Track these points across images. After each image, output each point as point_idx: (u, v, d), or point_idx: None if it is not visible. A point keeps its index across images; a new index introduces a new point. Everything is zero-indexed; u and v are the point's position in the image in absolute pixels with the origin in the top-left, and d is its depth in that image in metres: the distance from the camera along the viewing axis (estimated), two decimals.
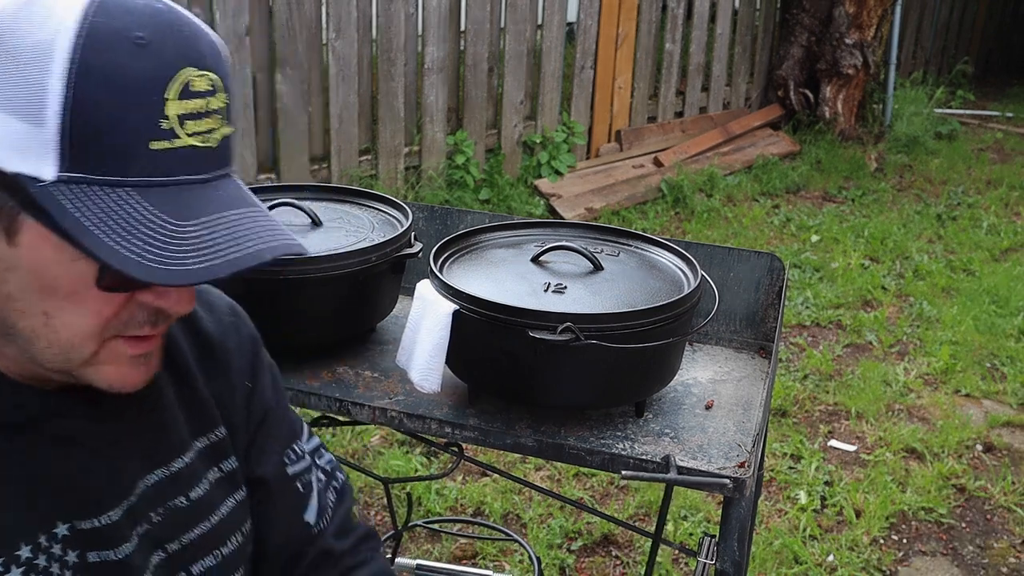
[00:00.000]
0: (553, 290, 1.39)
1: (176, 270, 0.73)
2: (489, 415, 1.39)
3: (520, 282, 1.42)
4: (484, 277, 1.44)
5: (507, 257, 1.52)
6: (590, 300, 1.37)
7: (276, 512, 1.07)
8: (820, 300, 4.29)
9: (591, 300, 1.37)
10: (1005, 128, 7.45)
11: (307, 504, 1.09)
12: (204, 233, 0.75)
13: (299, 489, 1.08)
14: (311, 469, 1.11)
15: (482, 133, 5.14)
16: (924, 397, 3.54)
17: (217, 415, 1.00)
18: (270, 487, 1.06)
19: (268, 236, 0.78)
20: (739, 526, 1.25)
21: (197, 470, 0.96)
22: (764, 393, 1.46)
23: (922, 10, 8.22)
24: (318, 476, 1.12)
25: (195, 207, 0.76)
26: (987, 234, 5.22)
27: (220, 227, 0.76)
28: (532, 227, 1.63)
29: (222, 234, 0.75)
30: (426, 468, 2.98)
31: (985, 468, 3.13)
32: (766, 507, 2.88)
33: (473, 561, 2.62)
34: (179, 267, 0.73)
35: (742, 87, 6.81)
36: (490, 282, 1.41)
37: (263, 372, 1.08)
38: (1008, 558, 2.72)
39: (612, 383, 1.35)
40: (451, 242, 1.53)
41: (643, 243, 1.57)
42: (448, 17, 4.86)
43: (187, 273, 0.73)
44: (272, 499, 1.06)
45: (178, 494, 0.94)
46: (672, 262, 1.51)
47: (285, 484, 1.07)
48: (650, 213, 5.31)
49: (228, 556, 0.99)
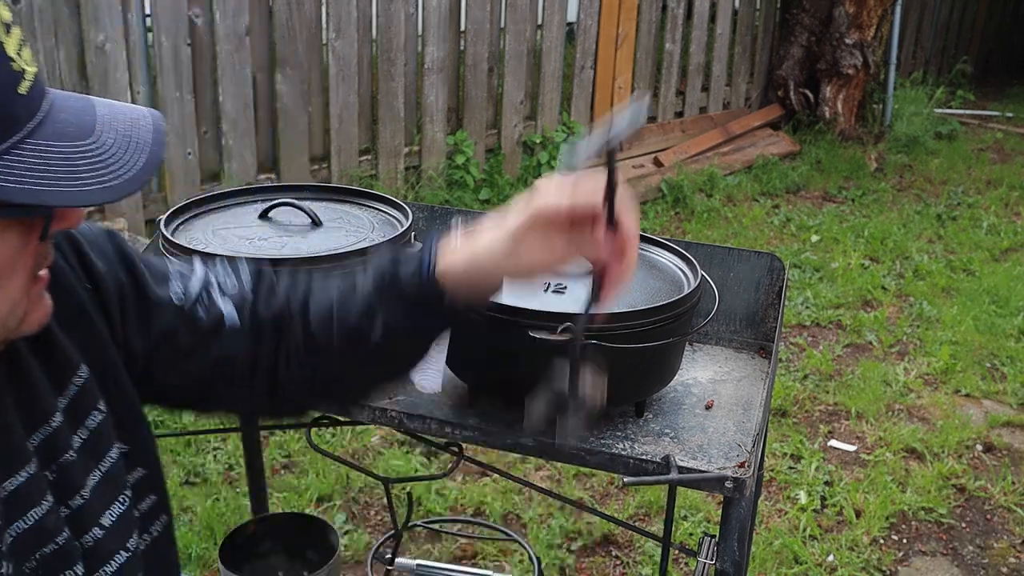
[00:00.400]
0: (553, 290, 1.38)
1: (118, 183, 0.77)
2: (489, 415, 1.39)
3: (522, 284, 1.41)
4: None
5: None
6: None
7: (200, 337, 1.04)
8: (820, 300, 4.29)
9: None
10: (1005, 128, 7.45)
11: (224, 311, 1.06)
12: (107, 141, 0.79)
13: (206, 305, 1.05)
14: (209, 284, 1.07)
15: (482, 133, 5.14)
16: (924, 397, 3.54)
17: (75, 357, 0.95)
18: (177, 328, 1.03)
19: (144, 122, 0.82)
20: (739, 526, 1.25)
21: (69, 424, 0.93)
22: (764, 393, 1.46)
23: (922, 10, 8.22)
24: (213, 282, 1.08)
25: (78, 124, 0.79)
26: (987, 234, 5.22)
27: (108, 132, 0.80)
28: None
29: (119, 136, 0.80)
30: (426, 468, 2.98)
31: (985, 468, 3.13)
32: (766, 507, 2.88)
33: (473, 561, 2.62)
34: (117, 179, 0.77)
35: (742, 87, 6.80)
36: None
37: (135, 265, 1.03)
38: (1008, 558, 2.72)
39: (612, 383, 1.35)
40: None
41: (643, 243, 1.57)
42: (448, 17, 4.86)
43: (132, 180, 0.77)
44: (190, 331, 1.04)
45: (65, 449, 0.92)
46: (672, 262, 1.51)
47: (188, 312, 1.04)
48: (650, 213, 5.31)
49: (134, 497, 0.97)
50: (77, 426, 0.93)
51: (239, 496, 2.81)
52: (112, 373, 0.98)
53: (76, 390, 0.93)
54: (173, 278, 1.06)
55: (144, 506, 1.02)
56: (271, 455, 3.01)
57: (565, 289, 1.39)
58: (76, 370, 0.94)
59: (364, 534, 2.71)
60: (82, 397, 0.94)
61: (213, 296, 1.06)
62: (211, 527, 2.67)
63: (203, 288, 1.06)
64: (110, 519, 0.94)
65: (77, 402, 0.93)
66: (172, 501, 2.78)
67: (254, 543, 2.10)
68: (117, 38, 3.69)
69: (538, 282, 1.39)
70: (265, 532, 2.11)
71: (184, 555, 2.59)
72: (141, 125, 0.83)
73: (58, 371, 0.93)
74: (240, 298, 1.07)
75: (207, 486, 2.87)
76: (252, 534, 2.09)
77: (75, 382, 0.94)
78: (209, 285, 1.07)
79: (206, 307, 1.05)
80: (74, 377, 0.94)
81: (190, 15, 3.94)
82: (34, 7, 3.43)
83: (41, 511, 0.87)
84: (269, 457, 3.00)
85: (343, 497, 2.87)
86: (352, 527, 2.75)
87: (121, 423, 0.98)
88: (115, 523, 0.95)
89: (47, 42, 3.50)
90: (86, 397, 0.94)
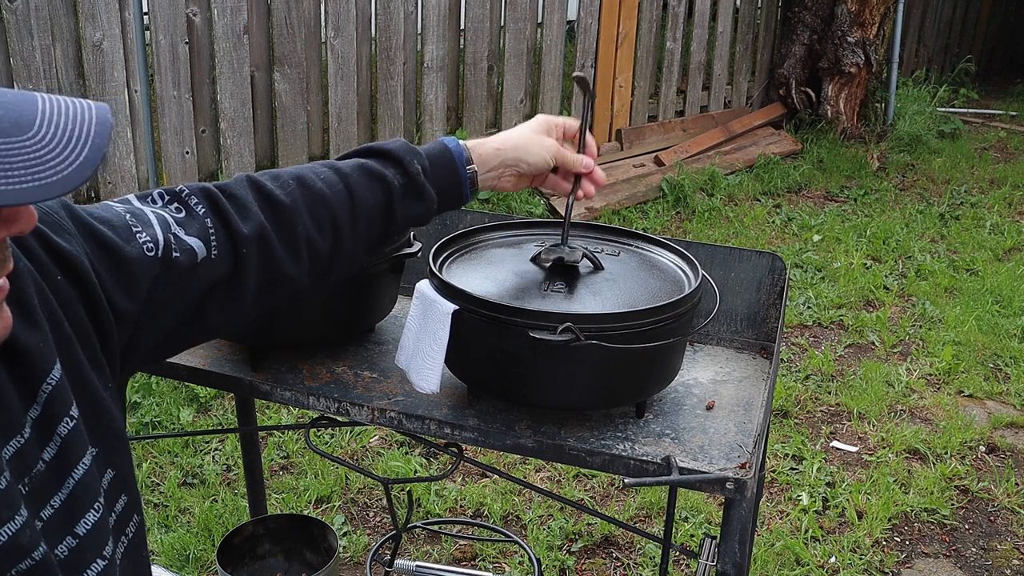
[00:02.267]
0: (552, 289, 1.37)
1: (54, 180, 0.74)
2: (489, 416, 1.38)
3: (520, 281, 1.41)
4: (483, 277, 1.43)
5: (507, 256, 1.51)
6: (590, 300, 1.35)
7: (182, 277, 1.05)
8: (822, 300, 4.27)
9: (591, 300, 1.35)
10: (1009, 127, 7.43)
11: (194, 246, 1.07)
12: (46, 136, 0.76)
13: (175, 247, 1.05)
14: (168, 226, 1.07)
15: (482, 132, 5.12)
16: (927, 398, 3.53)
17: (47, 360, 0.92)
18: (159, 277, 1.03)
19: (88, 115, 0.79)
20: (740, 527, 1.24)
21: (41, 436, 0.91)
22: (765, 394, 1.45)
23: (925, 8, 8.21)
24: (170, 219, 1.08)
25: (14, 119, 0.76)
26: (990, 234, 5.21)
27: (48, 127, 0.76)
28: (532, 227, 1.62)
29: (59, 131, 0.77)
30: (425, 469, 2.96)
31: (988, 469, 3.11)
32: (767, 508, 2.86)
33: (473, 563, 2.61)
34: (54, 176, 0.74)
35: (743, 86, 6.79)
36: (489, 281, 1.40)
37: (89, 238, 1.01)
38: (1011, 560, 2.71)
39: (612, 384, 1.34)
40: (450, 241, 1.52)
41: (643, 242, 1.56)
42: (448, 15, 4.85)
43: (69, 178, 0.74)
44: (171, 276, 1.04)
45: (36, 461, 0.90)
46: (673, 262, 1.50)
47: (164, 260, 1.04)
48: (651, 212, 5.30)
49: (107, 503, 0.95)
50: (49, 436, 0.90)
51: (237, 497, 2.79)
52: (83, 371, 0.96)
53: (46, 396, 0.90)
54: (135, 229, 1.04)
55: (118, 508, 0.99)
56: (269, 456, 3.00)
57: (564, 289, 1.38)
58: (47, 375, 0.91)
59: (363, 535, 2.70)
60: (53, 404, 0.91)
61: (179, 235, 1.06)
62: (209, 528, 2.66)
63: (165, 231, 1.06)
64: (84, 528, 0.92)
65: (48, 409, 0.91)
66: (170, 503, 2.78)
67: (252, 545, 2.09)
68: (114, 36, 3.68)
69: None
70: (263, 533, 2.10)
71: (182, 557, 2.57)
72: (85, 119, 0.79)
73: (26, 380, 0.90)
74: (202, 228, 1.08)
75: (205, 487, 2.85)
76: (250, 535, 2.08)
77: (44, 389, 0.90)
78: (169, 226, 1.07)
79: (177, 248, 1.05)
80: (44, 384, 0.91)
81: (188, 13, 3.92)
82: (31, 5, 3.41)
83: (15, 526, 0.84)
84: (267, 458, 2.98)
85: (342, 498, 2.86)
86: (351, 528, 2.74)
87: (91, 425, 0.96)
88: (90, 531, 0.92)
89: (44, 40, 3.49)
90: (58, 403, 0.91)
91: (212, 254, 1.08)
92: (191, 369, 1.52)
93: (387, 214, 1.21)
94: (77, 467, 0.92)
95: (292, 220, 1.14)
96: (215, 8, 3.96)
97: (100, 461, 0.96)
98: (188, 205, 1.10)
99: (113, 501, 0.98)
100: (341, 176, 1.18)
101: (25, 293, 0.91)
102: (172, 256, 1.04)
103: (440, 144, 1.28)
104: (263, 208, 1.13)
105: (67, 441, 0.91)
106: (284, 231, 1.13)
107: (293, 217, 1.14)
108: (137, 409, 3.12)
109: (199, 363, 1.53)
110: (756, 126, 6.55)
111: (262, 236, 1.12)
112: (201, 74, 4.04)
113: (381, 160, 1.23)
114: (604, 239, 1.58)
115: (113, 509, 0.98)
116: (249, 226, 1.11)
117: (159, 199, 1.11)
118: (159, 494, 2.82)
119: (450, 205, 1.30)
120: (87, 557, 0.92)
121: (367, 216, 1.20)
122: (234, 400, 2.55)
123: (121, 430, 1.01)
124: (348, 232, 1.19)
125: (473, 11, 4.96)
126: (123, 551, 1.00)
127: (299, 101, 4.35)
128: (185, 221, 1.08)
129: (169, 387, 3.26)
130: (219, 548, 2.01)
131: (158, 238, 1.04)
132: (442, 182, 1.26)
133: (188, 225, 1.08)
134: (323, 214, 1.16)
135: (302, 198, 1.15)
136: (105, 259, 1.00)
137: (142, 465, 2.92)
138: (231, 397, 3.10)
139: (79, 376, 0.95)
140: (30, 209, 0.80)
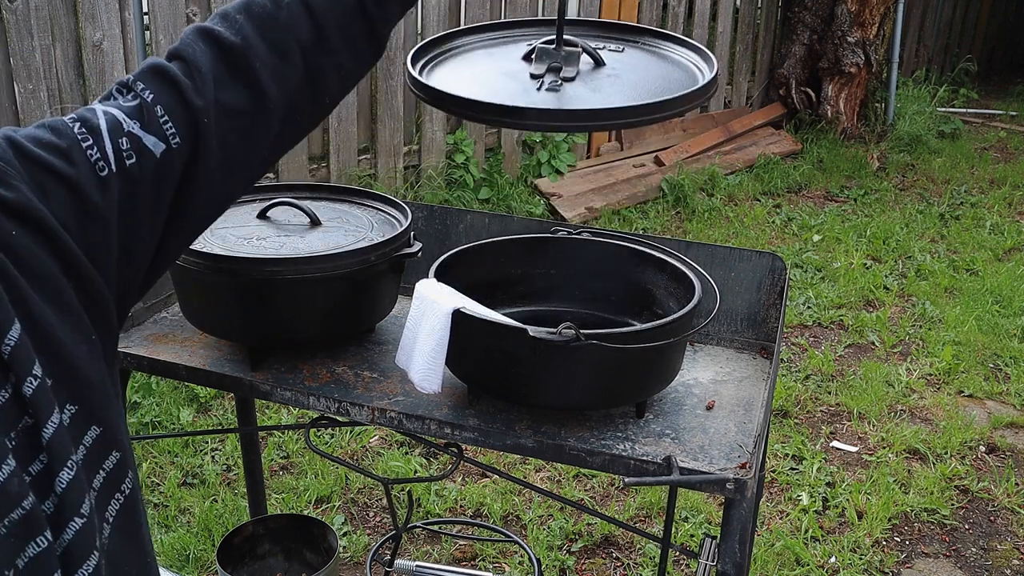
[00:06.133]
0: (547, 88, 1.19)
1: None
2: (489, 416, 1.38)
3: (509, 82, 1.23)
4: (468, 79, 1.25)
5: (496, 57, 1.31)
6: (590, 97, 1.18)
7: (144, 183, 0.96)
8: (822, 300, 4.27)
9: (591, 97, 1.18)
10: (1009, 127, 7.43)
11: (148, 143, 0.97)
12: None
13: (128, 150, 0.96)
14: (118, 127, 0.97)
15: (482, 132, 5.12)
16: (927, 398, 3.52)
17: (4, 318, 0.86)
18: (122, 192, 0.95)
19: None
20: (740, 527, 1.24)
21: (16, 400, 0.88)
22: (765, 394, 1.45)
23: (925, 8, 8.20)
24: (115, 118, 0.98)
25: None
26: (990, 234, 5.21)
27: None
28: (522, 26, 1.39)
29: None
30: (425, 469, 2.96)
31: (988, 469, 3.11)
32: (767, 508, 2.86)
33: (473, 563, 2.61)
34: None
35: (743, 86, 6.79)
36: (475, 84, 1.23)
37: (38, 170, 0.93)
38: (1011, 560, 2.71)
39: (613, 384, 1.34)
40: (431, 44, 1.32)
41: (651, 37, 1.34)
42: (448, 15, 4.85)
43: None
44: (133, 185, 0.96)
45: (19, 419, 0.87)
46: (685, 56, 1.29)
47: (119, 172, 0.95)
48: (651, 212, 5.30)
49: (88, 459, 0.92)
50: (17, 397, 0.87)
51: (237, 497, 2.79)
52: (47, 327, 0.90)
53: (7, 357, 0.86)
54: (85, 144, 0.95)
55: (108, 465, 0.96)
56: (269, 456, 3.00)
57: (560, 86, 1.21)
58: (5, 334, 0.86)
59: (363, 535, 2.70)
60: (14, 364, 0.86)
61: (134, 132, 0.97)
62: (209, 528, 2.66)
63: (115, 137, 0.96)
64: (60, 486, 0.89)
65: (14, 370, 0.87)
66: (170, 503, 2.78)
67: (252, 545, 2.09)
68: (114, 36, 3.67)
69: None
70: (263, 533, 2.10)
71: (182, 557, 2.57)
72: None
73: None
74: (153, 117, 0.98)
75: (205, 487, 2.85)
76: (250, 535, 2.08)
77: (3, 351, 0.86)
78: (121, 127, 0.97)
79: (131, 153, 0.96)
80: (2, 344, 0.86)
81: (188, 13, 3.92)
82: (31, 5, 3.41)
83: (3, 475, 0.83)
84: (267, 458, 2.98)
85: (342, 498, 2.86)
86: (351, 528, 2.74)
87: (66, 383, 0.91)
88: (65, 489, 0.90)
89: (44, 40, 3.49)
90: (18, 363, 0.87)
91: (172, 143, 0.98)
92: (191, 369, 1.52)
93: (358, 5, 1.06)
94: (46, 426, 0.89)
95: (247, 58, 1.01)
96: (215, 7, 3.96)
97: (80, 419, 0.92)
98: (136, 91, 1.00)
99: (100, 459, 0.95)
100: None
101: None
102: (127, 166, 0.95)
103: None
104: (215, 58, 1.02)
105: (32, 402, 0.88)
106: (240, 75, 1.02)
107: (247, 55, 1.01)
108: (137, 409, 3.12)
109: (199, 363, 1.53)
110: (756, 126, 6.55)
111: (218, 92, 1.00)
112: None
113: None
114: (606, 36, 1.36)
115: (102, 467, 0.95)
116: (205, 94, 1.00)
117: (117, 95, 1.01)
118: (159, 494, 2.82)
119: None
120: (66, 515, 0.90)
121: (335, 18, 1.05)
122: (234, 400, 2.55)
123: (104, 384, 0.96)
124: (317, 46, 1.05)
125: (473, 11, 4.95)
126: (118, 509, 0.97)
127: None
128: (138, 112, 0.98)
129: (169, 387, 3.26)
130: (219, 548, 2.01)
131: (107, 151, 0.95)
132: None
133: (142, 117, 0.98)
134: (280, 37, 1.03)
135: (252, 29, 1.03)
136: (61, 192, 0.92)
137: (142, 465, 2.92)
138: (231, 397, 3.10)
139: (42, 333, 0.89)
140: None
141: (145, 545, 1.03)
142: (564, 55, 1.21)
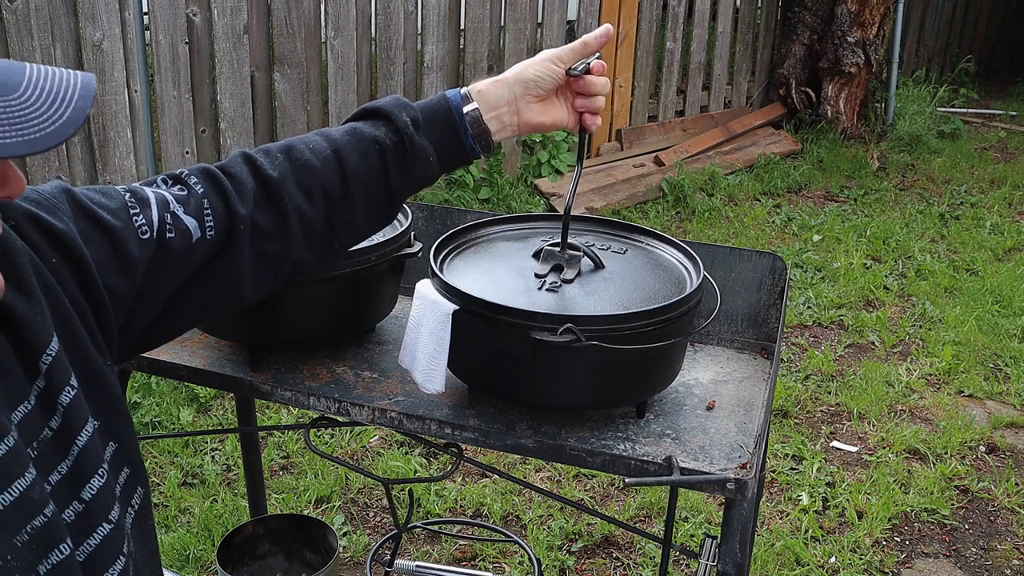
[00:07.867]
0: (547, 289, 1.36)
1: (39, 136, 0.79)
2: (489, 416, 1.38)
3: (519, 280, 1.40)
4: (483, 274, 1.42)
5: (509, 252, 1.50)
6: (587, 300, 1.35)
7: (178, 256, 1.07)
8: (822, 300, 4.27)
9: (588, 301, 1.35)
10: (1009, 127, 7.43)
11: (189, 225, 1.09)
12: (31, 98, 0.81)
13: (171, 226, 1.07)
14: (166, 205, 1.09)
15: None
16: (927, 398, 3.52)
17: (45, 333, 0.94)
18: (155, 258, 1.05)
19: (73, 80, 0.84)
20: (741, 527, 1.24)
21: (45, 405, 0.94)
22: (766, 394, 1.44)
23: (924, 8, 8.20)
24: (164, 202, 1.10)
25: (1, 81, 0.80)
26: (990, 234, 5.21)
27: (34, 90, 0.81)
28: (536, 220, 1.60)
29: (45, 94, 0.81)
30: (425, 469, 2.96)
31: (988, 469, 3.11)
32: (768, 508, 2.86)
33: (473, 563, 2.61)
34: (39, 133, 0.79)
35: (743, 86, 6.79)
36: (488, 280, 1.40)
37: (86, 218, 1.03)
38: (1011, 560, 2.71)
39: (613, 384, 1.34)
40: (453, 236, 1.51)
41: (648, 238, 1.55)
42: (448, 15, 4.85)
43: (53, 134, 0.79)
44: (167, 256, 1.06)
45: (42, 428, 0.92)
46: (678, 259, 1.49)
47: (159, 241, 1.06)
48: (651, 212, 5.30)
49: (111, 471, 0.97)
50: (52, 407, 0.93)
51: (237, 497, 2.79)
52: (81, 345, 0.98)
53: (47, 368, 0.93)
54: (133, 211, 1.06)
55: (121, 479, 1.01)
56: (269, 456, 3.00)
57: (560, 288, 1.36)
58: (46, 346, 0.94)
59: (363, 535, 2.70)
60: (53, 375, 0.93)
61: (177, 214, 1.08)
62: (209, 528, 2.66)
63: (162, 212, 1.07)
64: (90, 493, 0.94)
65: (50, 380, 0.93)
66: (170, 503, 2.77)
67: (252, 545, 2.09)
68: (114, 36, 3.67)
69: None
70: (263, 533, 2.10)
71: (182, 557, 2.57)
72: (70, 84, 0.84)
73: (26, 352, 0.92)
74: (198, 206, 1.10)
75: (205, 487, 2.85)
76: (250, 535, 2.08)
77: (45, 361, 0.93)
78: (167, 205, 1.09)
79: (172, 229, 1.07)
80: (43, 355, 0.93)
81: (188, 13, 3.92)
82: (31, 5, 3.41)
83: (25, 483, 0.86)
84: (267, 458, 2.98)
85: (342, 498, 2.86)
86: (351, 528, 2.74)
87: (92, 398, 0.98)
88: (95, 496, 0.94)
89: (44, 40, 3.49)
90: (57, 374, 0.94)
91: (207, 234, 1.09)
92: (191, 369, 1.52)
93: (382, 175, 1.18)
94: (80, 434, 0.95)
95: (279, 193, 1.13)
96: (215, 8, 3.96)
97: (102, 433, 0.98)
98: (187, 184, 1.12)
99: (116, 473, 1.00)
100: (330, 142, 1.17)
101: (23, 270, 0.93)
102: (167, 238, 1.06)
103: (438, 94, 1.23)
104: (256, 184, 1.14)
105: (68, 410, 0.94)
106: (272, 205, 1.13)
107: (280, 189, 1.13)
108: (137, 409, 3.12)
109: (199, 363, 1.53)
110: (756, 126, 6.55)
111: (255, 213, 1.13)
112: (201, 74, 4.03)
113: (373, 120, 1.20)
114: (608, 234, 1.56)
115: (117, 481, 1.00)
116: (246, 205, 1.12)
117: (163, 184, 1.13)
118: (159, 494, 2.82)
119: (456, 156, 1.22)
120: (93, 521, 0.94)
121: (361, 180, 1.17)
122: (234, 400, 2.55)
123: (122, 405, 1.02)
124: (340, 199, 1.17)
125: (473, 11, 4.95)
126: (131, 521, 1.01)
127: (299, 101, 4.35)
128: (184, 199, 1.10)
129: (169, 387, 3.25)
130: (219, 548, 2.01)
131: (153, 220, 1.06)
132: (438, 131, 1.19)
133: (186, 203, 1.09)
134: (311, 183, 1.15)
135: (289, 170, 1.14)
136: (100, 240, 1.02)
137: None
138: (231, 397, 3.10)
139: (78, 350, 0.97)
140: (18, 175, 0.85)
141: (156, 558, 1.08)
142: (567, 258, 1.40)
